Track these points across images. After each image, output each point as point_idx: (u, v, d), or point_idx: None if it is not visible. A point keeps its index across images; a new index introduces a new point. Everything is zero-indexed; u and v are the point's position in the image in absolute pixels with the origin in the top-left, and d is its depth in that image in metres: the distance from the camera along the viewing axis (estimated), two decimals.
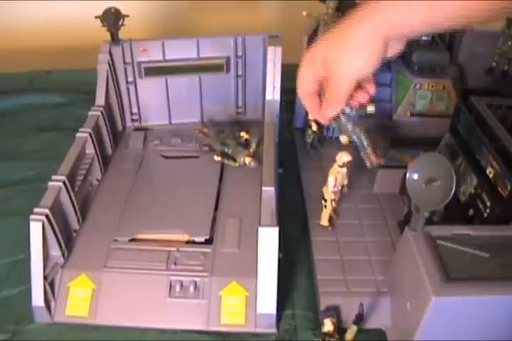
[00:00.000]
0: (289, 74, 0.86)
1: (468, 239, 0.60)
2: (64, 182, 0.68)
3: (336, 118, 0.63)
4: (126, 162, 0.87)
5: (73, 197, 0.71)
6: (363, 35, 0.58)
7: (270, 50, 0.84)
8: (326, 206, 0.75)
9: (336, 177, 0.72)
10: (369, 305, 0.64)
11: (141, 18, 0.88)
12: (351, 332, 0.59)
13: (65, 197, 0.69)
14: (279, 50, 0.83)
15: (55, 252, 0.67)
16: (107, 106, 0.88)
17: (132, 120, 0.96)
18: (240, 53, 0.91)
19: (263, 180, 0.68)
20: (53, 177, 0.69)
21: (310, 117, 0.89)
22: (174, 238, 0.72)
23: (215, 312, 0.64)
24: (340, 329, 0.60)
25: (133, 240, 0.72)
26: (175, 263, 0.68)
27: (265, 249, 0.62)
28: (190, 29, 1.39)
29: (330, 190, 0.73)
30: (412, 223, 0.60)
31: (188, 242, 0.71)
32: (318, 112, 0.63)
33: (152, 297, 0.66)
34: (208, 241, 0.71)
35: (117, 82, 0.91)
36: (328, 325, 0.59)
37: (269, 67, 0.83)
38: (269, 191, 0.66)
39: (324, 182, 0.74)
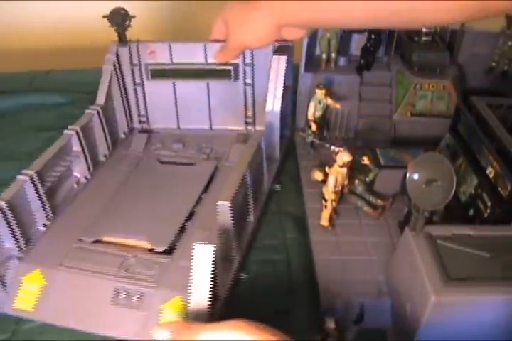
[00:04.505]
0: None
1: (469, 239, 0.60)
2: (31, 177, 0.69)
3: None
4: (122, 163, 0.87)
5: (41, 192, 0.71)
6: (259, 15, 0.67)
7: (274, 58, 0.82)
8: (326, 206, 0.74)
9: (336, 177, 0.72)
10: (369, 305, 0.63)
11: (143, 18, 0.87)
12: (351, 332, 0.58)
13: (30, 192, 0.69)
14: (283, 59, 0.81)
15: (10, 244, 0.66)
16: (108, 106, 0.87)
17: (140, 122, 0.96)
18: (248, 61, 0.88)
19: (222, 193, 0.64)
20: (23, 171, 0.70)
21: (309, 117, 0.89)
22: (137, 244, 0.70)
23: (152, 326, 0.62)
24: (340, 329, 0.60)
25: (98, 241, 0.70)
26: (127, 270, 0.66)
27: (199, 266, 0.57)
28: (195, 30, 1.38)
29: (330, 190, 0.73)
30: (412, 223, 0.60)
31: (151, 250, 0.69)
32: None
33: (97, 302, 0.64)
34: (170, 252, 0.68)
35: (124, 83, 0.91)
36: (328, 325, 0.59)
37: (272, 76, 0.81)
38: (224, 206, 0.63)
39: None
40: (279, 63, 0.81)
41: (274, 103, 0.82)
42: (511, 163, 0.66)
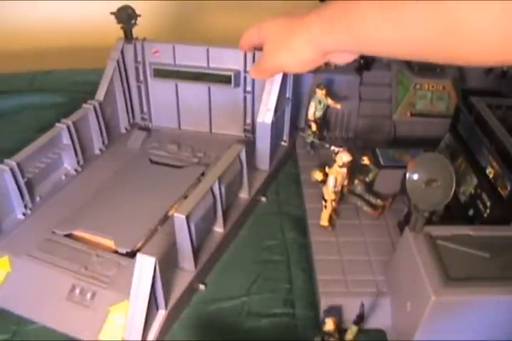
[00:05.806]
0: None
1: (468, 239, 0.60)
2: (12, 168, 0.70)
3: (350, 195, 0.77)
4: (114, 159, 0.87)
5: (21, 182, 0.72)
6: (301, 40, 0.62)
7: None
8: (326, 206, 0.74)
9: (336, 177, 0.72)
10: (369, 305, 0.64)
11: (146, 16, 0.87)
12: (351, 332, 0.59)
13: (10, 181, 0.70)
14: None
15: None
16: (108, 101, 0.88)
17: (142, 118, 0.96)
18: (249, 68, 0.86)
19: (181, 205, 0.64)
20: (5, 160, 0.71)
21: (309, 117, 0.89)
22: (103, 243, 0.70)
23: (98, 326, 0.62)
24: (340, 330, 0.60)
25: (70, 235, 0.71)
26: (86, 268, 0.66)
27: (139, 277, 0.58)
28: (200, 30, 1.38)
29: (330, 190, 0.73)
30: (411, 223, 0.60)
31: (116, 251, 0.69)
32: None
33: (54, 296, 0.64)
34: (134, 254, 0.66)
35: (127, 80, 0.91)
36: (329, 325, 0.59)
37: (267, 87, 0.80)
38: (180, 219, 0.62)
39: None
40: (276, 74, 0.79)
41: (265, 115, 0.80)
42: (511, 163, 0.66)
